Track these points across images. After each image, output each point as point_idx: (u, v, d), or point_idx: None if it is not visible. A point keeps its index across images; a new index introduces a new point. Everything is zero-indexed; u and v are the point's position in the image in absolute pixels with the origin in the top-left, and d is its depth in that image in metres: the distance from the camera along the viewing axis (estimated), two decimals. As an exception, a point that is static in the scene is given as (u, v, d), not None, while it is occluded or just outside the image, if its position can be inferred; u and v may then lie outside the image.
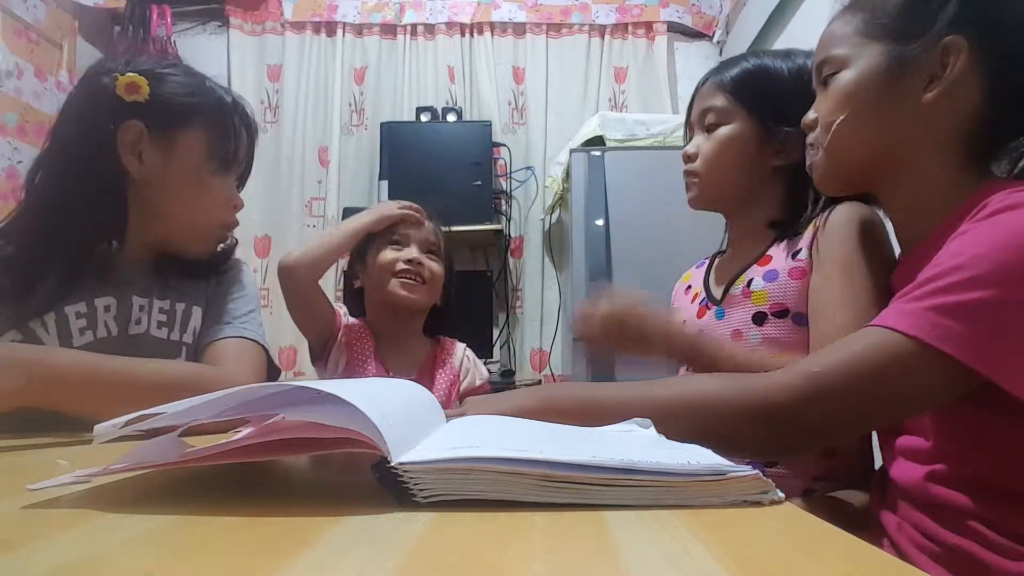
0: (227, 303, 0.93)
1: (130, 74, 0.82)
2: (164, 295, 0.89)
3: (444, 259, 1.28)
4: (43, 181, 0.85)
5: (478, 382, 1.31)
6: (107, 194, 0.85)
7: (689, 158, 0.95)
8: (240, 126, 0.92)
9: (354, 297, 1.29)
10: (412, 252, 1.23)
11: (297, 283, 1.15)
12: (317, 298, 1.19)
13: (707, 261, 1.04)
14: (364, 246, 1.25)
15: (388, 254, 1.23)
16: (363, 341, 1.23)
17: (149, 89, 0.83)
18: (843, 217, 0.80)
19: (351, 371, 1.19)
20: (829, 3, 0.75)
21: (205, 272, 0.95)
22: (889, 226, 0.76)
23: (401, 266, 1.21)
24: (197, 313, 0.91)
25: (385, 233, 1.24)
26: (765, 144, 0.90)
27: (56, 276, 0.82)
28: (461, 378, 1.29)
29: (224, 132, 0.90)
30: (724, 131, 0.91)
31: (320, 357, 1.22)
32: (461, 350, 1.33)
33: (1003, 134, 0.65)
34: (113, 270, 0.87)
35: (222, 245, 0.98)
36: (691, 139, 0.97)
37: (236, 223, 0.96)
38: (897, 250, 0.75)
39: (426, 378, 1.25)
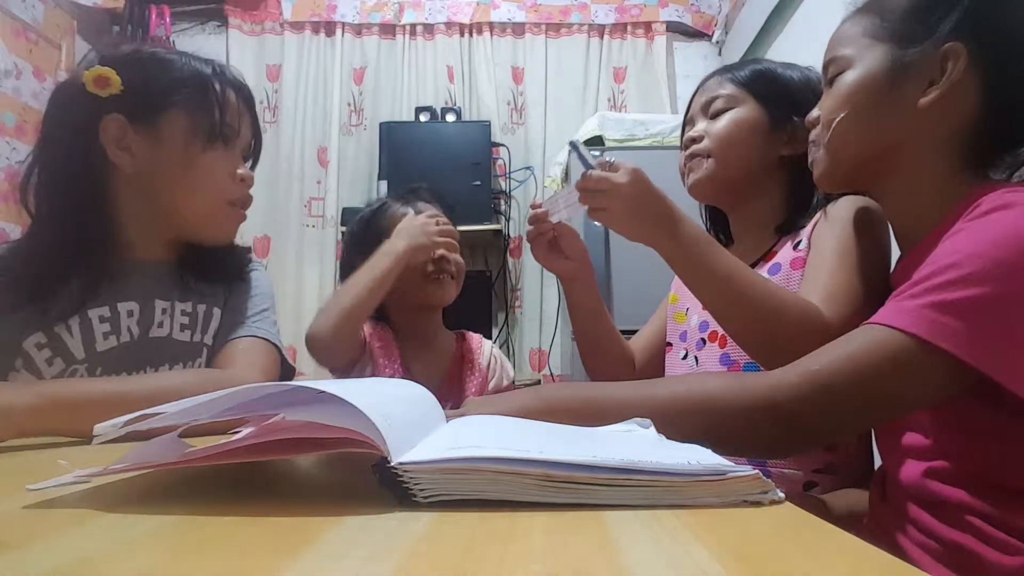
0: (241, 304, 0.92)
1: (96, 67, 0.79)
2: (185, 297, 0.89)
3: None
4: (42, 188, 0.83)
5: (505, 383, 1.28)
6: (104, 195, 0.84)
7: (694, 140, 0.94)
8: (224, 92, 0.86)
9: None
10: (442, 250, 1.19)
11: (335, 355, 1.07)
12: (353, 351, 1.12)
13: None
14: (373, 240, 1.20)
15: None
16: (389, 348, 1.19)
17: (120, 79, 0.79)
18: (844, 205, 0.81)
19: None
20: (828, 3, 0.75)
21: (226, 274, 0.93)
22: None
23: (431, 267, 1.18)
24: (217, 315, 0.91)
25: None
26: (773, 131, 0.90)
27: (79, 280, 0.81)
28: (489, 378, 1.26)
29: (206, 103, 0.84)
30: (734, 112, 0.91)
31: (342, 372, 1.17)
32: (488, 348, 1.30)
33: (1001, 142, 0.65)
34: (135, 274, 0.86)
35: (240, 244, 0.96)
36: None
37: (249, 198, 0.91)
38: (896, 251, 0.76)
39: (455, 380, 1.22)
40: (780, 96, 0.90)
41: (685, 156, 0.96)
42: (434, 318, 1.26)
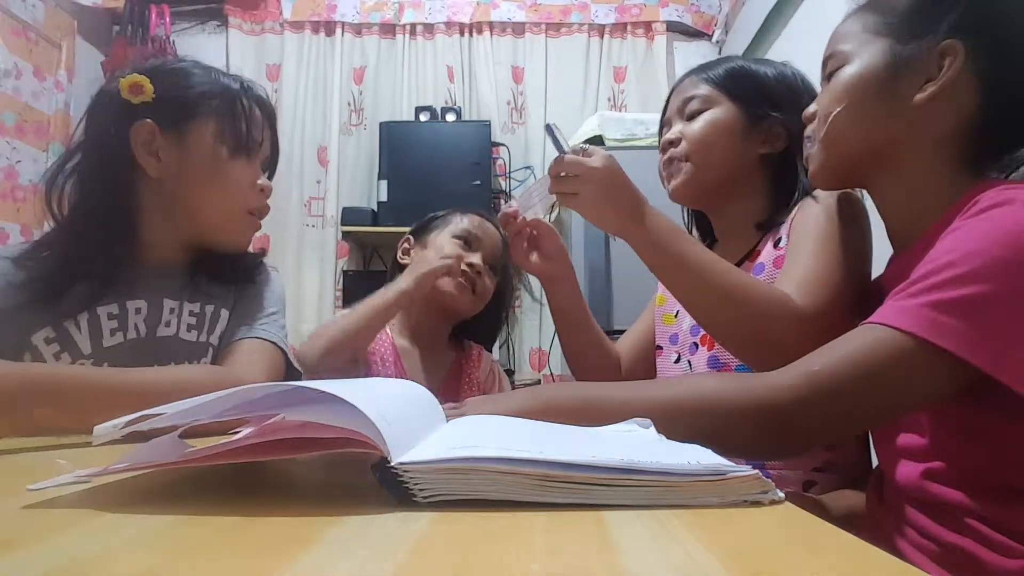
0: (250, 306, 0.93)
1: (131, 75, 0.83)
2: (194, 298, 0.90)
3: (501, 273, 1.25)
4: (72, 189, 0.86)
5: None
6: (129, 197, 0.86)
7: (672, 143, 0.93)
8: (251, 107, 0.91)
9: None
10: (477, 258, 1.19)
11: (320, 375, 1.04)
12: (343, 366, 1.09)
13: None
14: (427, 227, 1.24)
15: (454, 248, 1.18)
16: (385, 357, 1.19)
17: (153, 87, 0.83)
18: (822, 195, 0.81)
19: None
20: (827, 3, 0.75)
21: (237, 276, 0.95)
22: (883, 228, 0.76)
23: (463, 266, 1.17)
24: (224, 316, 0.92)
25: (455, 225, 1.22)
26: (751, 130, 0.90)
27: (92, 279, 0.83)
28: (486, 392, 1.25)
29: (233, 115, 0.88)
30: (710, 114, 0.91)
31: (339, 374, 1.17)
32: (487, 362, 1.29)
33: (998, 141, 0.65)
34: (146, 273, 0.88)
35: (251, 250, 0.98)
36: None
37: (266, 208, 0.95)
38: (889, 250, 0.76)
39: (451, 391, 1.22)
40: (755, 94, 0.90)
41: (664, 160, 0.95)
42: (442, 326, 1.26)
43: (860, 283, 0.74)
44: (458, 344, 1.30)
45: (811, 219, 0.79)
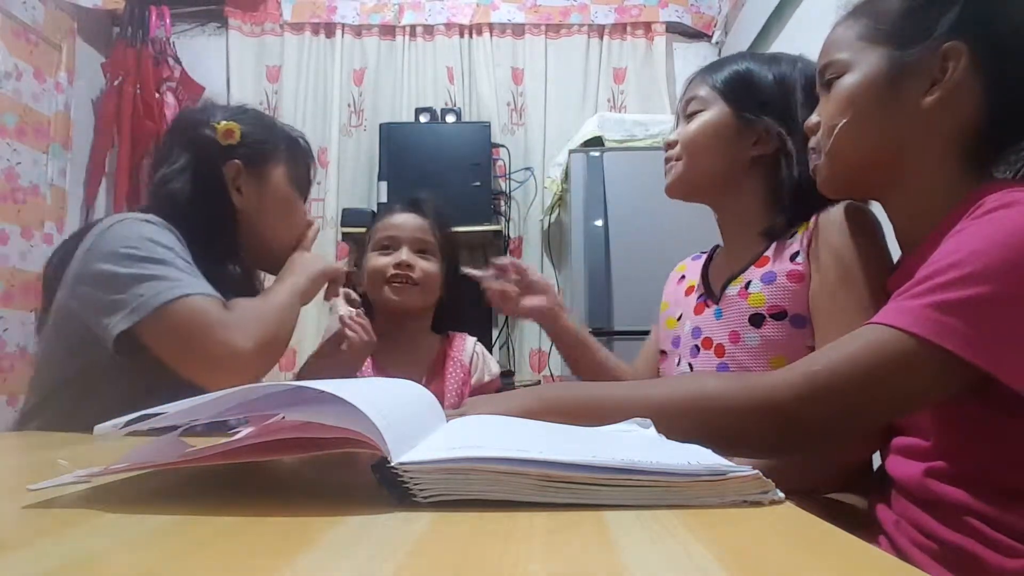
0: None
1: (225, 122, 0.97)
2: None
3: (443, 255, 1.26)
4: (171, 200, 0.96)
5: (487, 379, 1.29)
6: (228, 225, 0.99)
7: (670, 145, 0.95)
8: (309, 156, 1.08)
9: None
10: (402, 255, 1.21)
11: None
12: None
13: (705, 255, 1.03)
14: (361, 252, 1.26)
15: (378, 260, 1.23)
16: None
17: (241, 132, 0.96)
18: (836, 221, 0.79)
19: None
20: (828, 4, 0.75)
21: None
22: (890, 230, 0.76)
23: (392, 271, 1.21)
24: None
25: (374, 241, 1.25)
26: (742, 132, 0.90)
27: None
28: (472, 373, 1.27)
29: (300, 162, 1.05)
30: (703, 115, 0.92)
31: None
32: (471, 345, 1.31)
33: (1003, 139, 0.65)
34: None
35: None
36: None
37: (310, 241, 1.14)
38: (897, 253, 0.75)
39: (437, 377, 1.24)
40: (750, 98, 0.90)
41: (664, 158, 0.97)
42: (413, 323, 1.26)
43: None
44: (444, 335, 1.32)
45: (833, 269, 0.77)
